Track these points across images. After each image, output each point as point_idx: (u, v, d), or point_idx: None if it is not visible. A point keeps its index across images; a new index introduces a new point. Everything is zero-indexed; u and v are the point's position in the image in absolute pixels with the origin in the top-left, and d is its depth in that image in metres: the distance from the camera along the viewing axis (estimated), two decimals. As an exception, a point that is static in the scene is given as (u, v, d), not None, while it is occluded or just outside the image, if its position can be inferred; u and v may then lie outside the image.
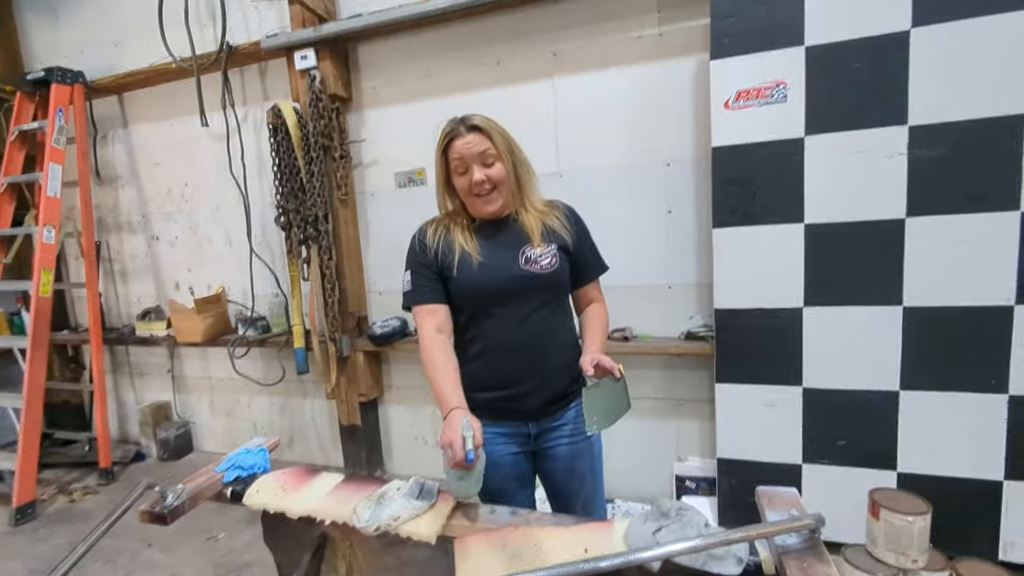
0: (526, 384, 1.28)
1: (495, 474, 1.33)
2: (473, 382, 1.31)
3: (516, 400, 1.30)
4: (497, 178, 1.24)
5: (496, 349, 1.29)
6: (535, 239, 1.26)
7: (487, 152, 1.22)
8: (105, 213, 3.33)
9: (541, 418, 1.32)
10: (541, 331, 1.27)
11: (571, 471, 1.36)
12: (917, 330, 1.75)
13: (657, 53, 2.10)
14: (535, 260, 1.25)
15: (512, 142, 1.27)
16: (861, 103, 1.71)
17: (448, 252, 1.29)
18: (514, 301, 1.26)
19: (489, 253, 1.27)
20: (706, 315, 2.16)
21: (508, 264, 1.25)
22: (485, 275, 1.25)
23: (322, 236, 2.47)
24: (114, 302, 3.43)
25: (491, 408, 1.31)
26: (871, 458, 1.85)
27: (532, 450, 1.37)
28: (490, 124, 1.24)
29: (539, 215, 1.30)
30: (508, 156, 1.24)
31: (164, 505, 1.24)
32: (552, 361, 1.30)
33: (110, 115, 3.20)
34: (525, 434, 1.34)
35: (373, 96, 2.57)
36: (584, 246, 1.34)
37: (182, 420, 3.35)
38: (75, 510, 2.70)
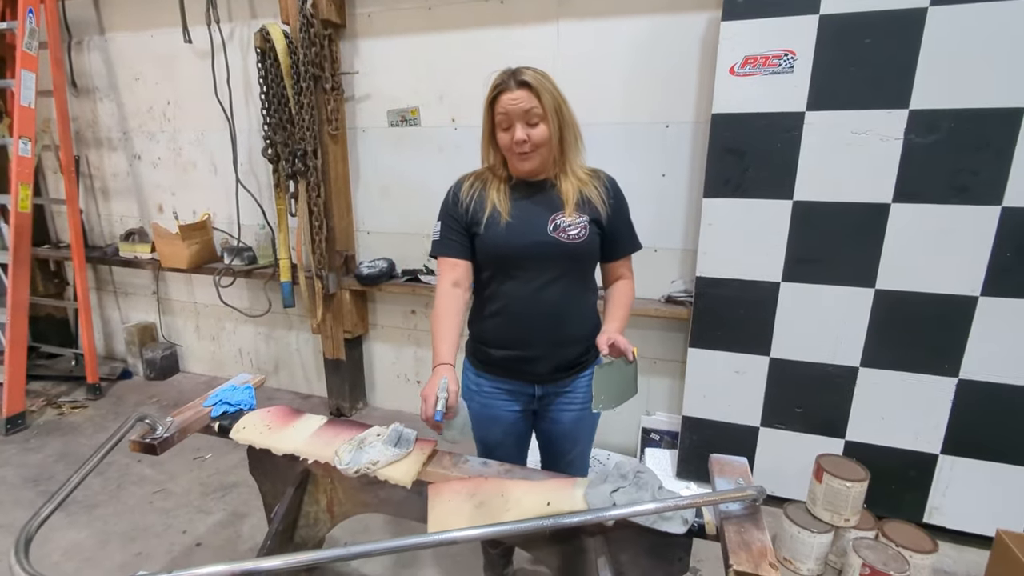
0: (537, 348, 1.30)
1: (494, 427, 1.41)
2: (488, 338, 1.36)
3: (526, 362, 1.32)
4: (539, 139, 1.20)
5: (513, 310, 1.30)
6: (568, 207, 1.24)
7: (533, 111, 1.18)
8: (83, 127, 3.19)
9: (548, 383, 1.35)
10: (559, 299, 1.27)
11: (566, 435, 1.41)
12: (885, 312, 1.82)
13: (668, 5, 2.01)
14: (564, 228, 1.23)
15: (562, 103, 1.22)
16: (866, 81, 1.68)
17: (480, 208, 1.28)
18: (536, 266, 1.25)
19: (519, 215, 1.26)
20: (688, 280, 2.21)
21: (537, 228, 1.24)
22: (511, 236, 1.25)
23: (311, 172, 2.42)
24: (96, 220, 3.37)
25: (501, 365, 1.36)
26: (823, 426, 1.98)
27: (534, 409, 1.41)
28: (541, 82, 1.18)
29: (579, 183, 1.27)
30: (555, 117, 1.20)
31: (154, 436, 1.30)
32: (566, 330, 1.30)
33: (85, 19, 2.99)
34: (530, 394, 1.37)
35: (368, 24, 2.44)
36: (619, 221, 1.31)
37: (168, 342, 3.40)
38: (64, 423, 2.79)
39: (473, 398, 1.41)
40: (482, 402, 1.40)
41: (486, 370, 1.39)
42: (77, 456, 2.48)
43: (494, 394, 1.39)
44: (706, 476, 2.15)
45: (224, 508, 2.14)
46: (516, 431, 1.42)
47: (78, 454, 2.50)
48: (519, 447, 1.46)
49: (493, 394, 1.39)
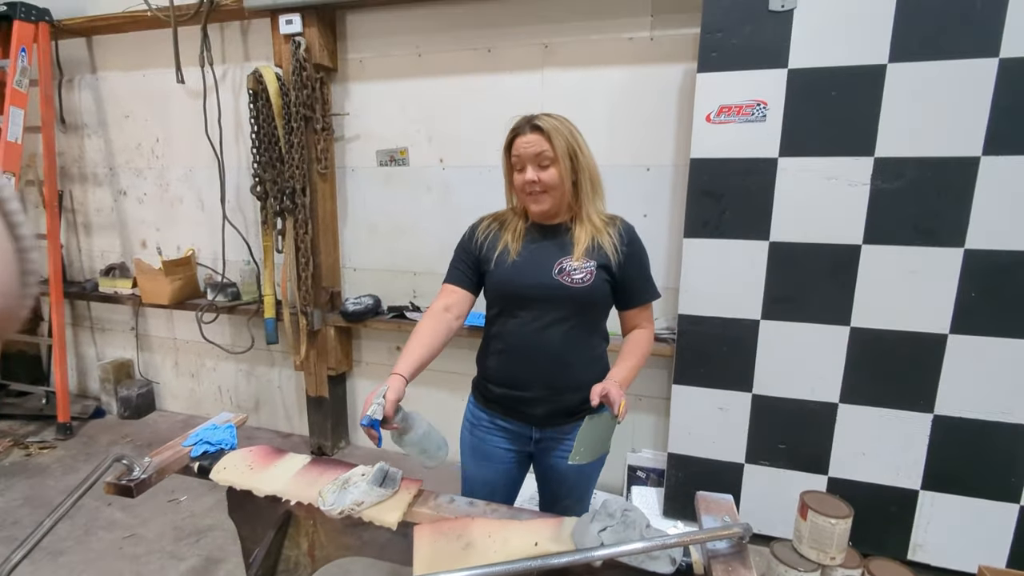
0: (535, 390, 1.30)
1: (486, 463, 1.41)
2: (490, 375, 1.37)
3: (524, 403, 1.32)
4: (548, 182, 1.23)
5: (514, 350, 1.31)
6: (577, 252, 1.25)
7: (543, 154, 1.22)
8: (69, 162, 3.20)
9: (545, 427, 1.34)
10: (561, 344, 1.27)
11: (562, 482, 1.39)
12: (860, 349, 1.88)
13: (647, 57, 2.12)
14: (568, 272, 1.24)
15: (577, 148, 1.25)
16: (834, 131, 1.79)
17: (493, 247, 1.32)
18: (539, 308, 1.26)
19: (528, 255, 1.28)
20: (670, 318, 2.25)
21: (542, 270, 1.26)
22: (516, 275, 1.27)
23: (299, 209, 2.45)
24: (76, 255, 3.33)
25: (500, 403, 1.36)
26: (806, 462, 2.00)
27: (531, 452, 1.40)
28: (555, 127, 1.22)
29: (593, 229, 1.28)
30: (567, 161, 1.23)
31: (130, 478, 1.27)
32: (566, 376, 1.29)
33: (77, 59, 3.04)
34: (527, 436, 1.36)
35: (359, 69, 2.52)
36: (633, 269, 1.31)
37: (145, 379, 3.32)
38: (31, 464, 2.68)
39: (472, 431, 1.42)
40: (479, 436, 1.40)
41: (486, 406, 1.40)
42: (43, 500, 2.38)
43: (491, 430, 1.39)
44: (693, 514, 2.13)
45: (198, 553, 2.05)
46: (508, 471, 1.41)
47: (45, 497, 2.40)
48: (508, 488, 1.45)
49: (490, 430, 1.39)
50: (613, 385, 1.19)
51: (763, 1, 1.78)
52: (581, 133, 1.28)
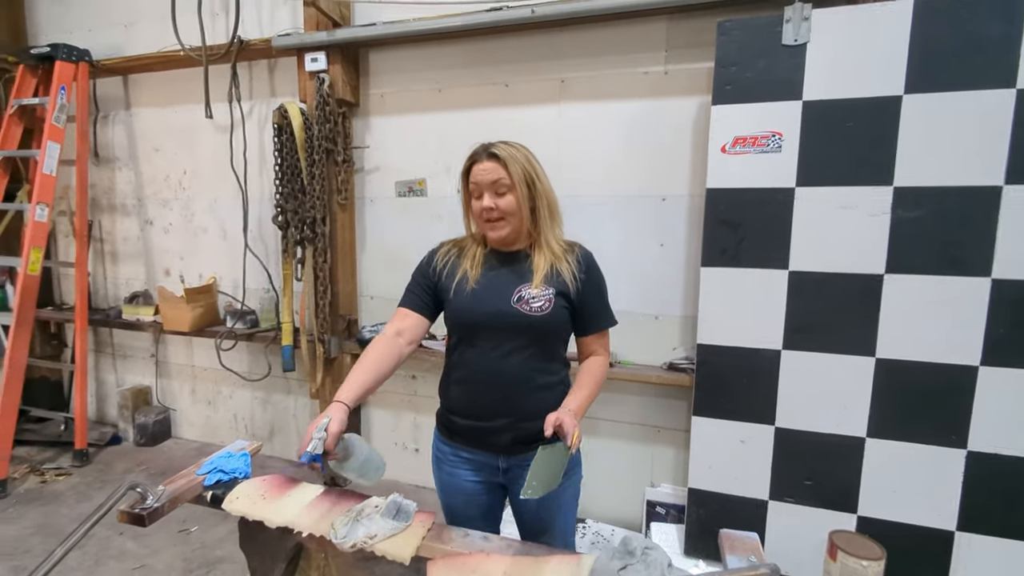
0: (497, 420, 1.29)
1: (458, 496, 1.38)
2: (451, 405, 1.36)
3: (487, 433, 1.31)
4: (505, 208, 1.24)
5: (474, 379, 1.30)
6: (536, 279, 1.25)
7: (500, 181, 1.23)
8: (100, 193, 3.31)
9: (511, 455, 1.32)
10: (521, 371, 1.27)
11: (536, 513, 1.35)
12: (887, 381, 1.82)
13: (662, 90, 2.16)
14: (527, 300, 1.24)
15: (534, 175, 1.26)
16: (851, 160, 1.78)
17: (452, 274, 1.32)
18: (497, 336, 1.26)
19: (487, 284, 1.29)
20: (689, 348, 2.22)
21: (501, 298, 1.26)
22: (474, 304, 1.27)
23: (319, 238, 2.50)
24: (101, 282, 3.41)
25: (463, 434, 1.35)
26: (834, 500, 1.92)
27: (502, 483, 1.37)
28: (511, 154, 1.24)
29: (551, 256, 1.29)
30: (524, 189, 1.24)
31: (144, 506, 1.26)
32: (528, 403, 1.28)
33: (113, 96, 3.19)
34: (494, 466, 1.34)
35: (380, 104, 2.60)
36: (591, 296, 1.31)
37: (162, 406, 3.34)
38: (46, 491, 2.69)
39: (439, 466, 1.40)
40: (448, 471, 1.38)
41: (450, 438, 1.37)
42: (56, 528, 2.38)
43: (457, 463, 1.37)
44: (716, 553, 2.05)
45: (207, 587, 2.02)
46: (481, 503, 1.38)
47: (58, 526, 2.40)
48: (487, 520, 1.40)
49: (456, 463, 1.37)
50: (567, 415, 1.18)
51: (776, 36, 1.81)
52: (539, 161, 1.30)
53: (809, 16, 1.77)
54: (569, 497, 1.39)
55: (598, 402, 2.35)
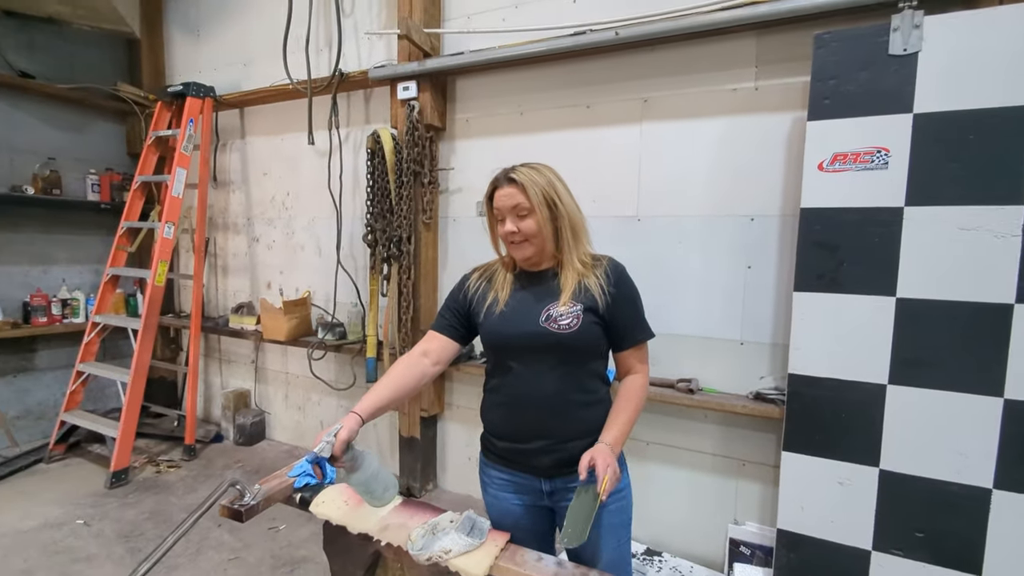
0: (536, 441, 1.28)
1: (505, 521, 1.37)
2: (492, 428, 1.37)
3: (527, 455, 1.30)
4: (527, 232, 1.25)
5: (511, 401, 1.30)
6: (564, 296, 1.25)
7: (520, 206, 1.24)
8: (216, 213, 3.69)
9: (554, 476, 1.30)
10: (556, 391, 1.25)
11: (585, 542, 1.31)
12: (1018, 425, 1.60)
13: (751, 107, 2.08)
14: (555, 319, 1.23)
15: (555, 196, 1.25)
16: (972, 177, 1.61)
17: (483, 298, 1.35)
18: (530, 357, 1.26)
19: (515, 305, 1.29)
20: (778, 377, 2.08)
21: (530, 319, 1.26)
22: (504, 326, 1.28)
23: (404, 256, 2.62)
24: (213, 293, 3.78)
25: (504, 457, 1.35)
26: (951, 557, 1.69)
27: (549, 507, 1.35)
28: (531, 177, 1.24)
29: (579, 273, 1.28)
30: (544, 211, 1.24)
31: (242, 503, 1.36)
32: (566, 424, 1.27)
33: (231, 127, 3.56)
34: (537, 489, 1.33)
35: (465, 127, 2.70)
36: (623, 309, 1.28)
37: (259, 409, 3.61)
38: (159, 481, 2.98)
39: (486, 490, 1.40)
40: (493, 493, 1.38)
41: (494, 461, 1.37)
42: (166, 515, 2.62)
43: (502, 485, 1.36)
44: (808, 605, 1.88)
45: (292, 583, 2.14)
46: (530, 527, 1.36)
47: (167, 513, 2.64)
48: (538, 544, 1.35)
49: (501, 485, 1.36)
50: (601, 454, 1.14)
51: (882, 45, 1.69)
52: (560, 180, 1.28)
53: (920, 24, 1.64)
54: (615, 524, 1.31)
55: (677, 430, 2.27)
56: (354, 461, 1.21)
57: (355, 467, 1.22)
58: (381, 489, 1.29)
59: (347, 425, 1.17)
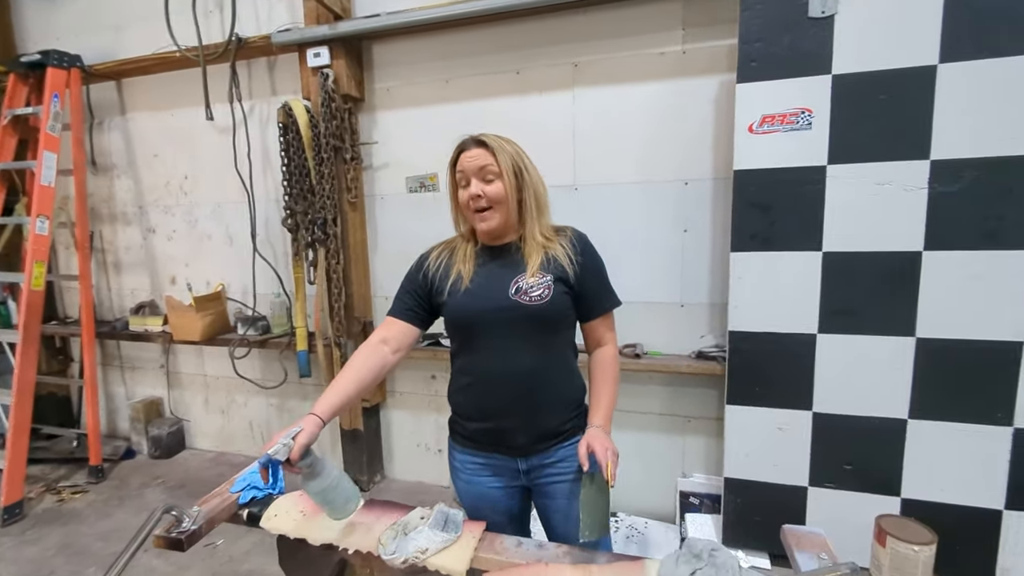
0: (512, 419, 1.24)
1: (483, 506, 1.33)
2: (462, 411, 1.32)
3: (502, 434, 1.26)
4: (494, 196, 1.20)
5: (482, 380, 1.25)
6: (532, 268, 1.21)
7: (487, 168, 1.19)
8: (99, 203, 3.23)
9: (530, 454, 1.27)
10: (530, 366, 1.22)
11: (565, 513, 1.29)
12: (928, 361, 1.77)
13: (680, 71, 2.09)
14: (526, 291, 1.19)
15: (522, 165, 1.22)
16: (885, 135, 1.72)
17: (445, 276, 1.27)
18: (501, 332, 1.21)
19: (481, 280, 1.24)
20: (718, 335, 2.17)
21: (498, 293, 1.21)
22: (472, 303, 1.22)
23: (330, 239, 2.43)
24: (106, 294, 3.34)
25: (477, 439, 1.30)
26: (876, 484, 1.88)
27: (525, 485, 1.33)
28: (499, 142, 1.21)
29: (543, 243, 1.24)
30: (512, 178, 1.20)
31: (180, 530, 1.21)
32: (541, 398, 1.24)
33: (107, 102, 3.09)
34: (514, 469, 1.30)
35: (387, 98, 2.52)
36: (590, 278, 1.26)
37: (175, 417, 3.28)
38: (64, 510, 2.64)
39: (459, 476, 1.35)
40: (466, 479, 1.34)
41: (465, 444, 1.33)
42: (79, 548, 2.32)
43: (476, 470, 1.32)
44: (755, 543, 2.02)
45: (239, 601, 1.98)
46: (508, 509, 1.34)
47: (80, 545, 2.34)
48: (516, 526, 1.36)
49: (475, 470, 1.32)
50: (597, 439, 1.14)
51: (802, 7, 1.74)
52: (527, 155, 1.25)
53: (837, -14, 1.70)
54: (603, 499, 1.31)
55: (625, 394, 2.31)
56: (312, 468, 1.09)
57: (313, 474, 1.10)
58: (342, 500, 1.17)
59: (306, 428, 1.06)
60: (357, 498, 1.22)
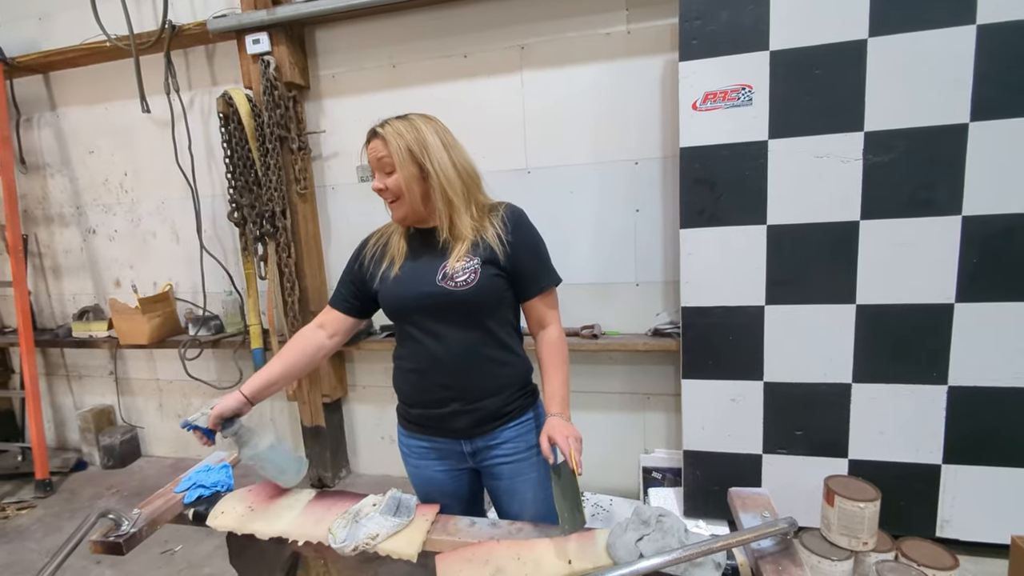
0: (452, 405, 1.23)
1: (431, 489, 1.34)
2: (405, 397, 1.32)
3: (443, 419, 1.26)
4: (393, 189, 1.16)
5: (420, 368, 1.24)
6: (456, 253, 1.17)
7: (384, 160, 1.15)
8: (32, 204, 3.06)
9: (474, 436, 1.26)
10: (462, 352, 1.19)
11: (512, 492, 1.29)
12: (868, 327, 1.84)
13: (625, 51, 2.10)
14: (451, 276, 1.16)
15: (422, 152, 1.14)
16: (821, 109, 1.77)
17: (379, 263, 1.26)
18: (432, 319, 1.19)
19: (410, 267, 1.22)
20: (672, 312, 2.21)
21: (425, 279, 1.18)
22: (400, 290, 1.21)
23: (280, 232, 2.36)
24: (45, 301, 3.17)
25: (421, 423, 1.30)
26: (825, 447, 1.95)
27: (472, 467, 1.32)
28: (397, 132, 1.14)
29: (472, 226, 1.19)
30: (409, 167, 1.14)
31: (118, 533, 1.16)
32: (478, 383, 1.22)
33: (34, 96, 2.92)
34: (459, 452, 1.29)
35: (332, 85, 2.45)
36: (524, 256, 1.21)
37: (128, 425, 3.16)
38: (9, 527, 2.51)
39: (407, 460, 1.36)
40: (414, 463, 1.34)
41: (411, 429, 1.33)
42: (25, 564, 2.22)
43: (422, 453, 1.32)
44: (715, 512, 2.08)
45: (198, 606, 1.92)
46: (456, 492, 1.34)
47: (26, 562, 2.23)
48: (467, 509, 1.35)
49: (421, 453, 1.32)
50: (556, 429, 1.13)
51: (739, -16, 1.77)
52: (439, 135, 1.16)
53: (771, -38, 1.73)
54: (541, 476, 1.30)
55: (585, 375, 2.34)
56: (238, 435, 1.23)
57: (241, 442, 1.24)
58: (275, 470, 1.27)
59: (223, 401, 1.20)
60: (298, 467, 1.30)
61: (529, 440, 1.28)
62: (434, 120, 1.21)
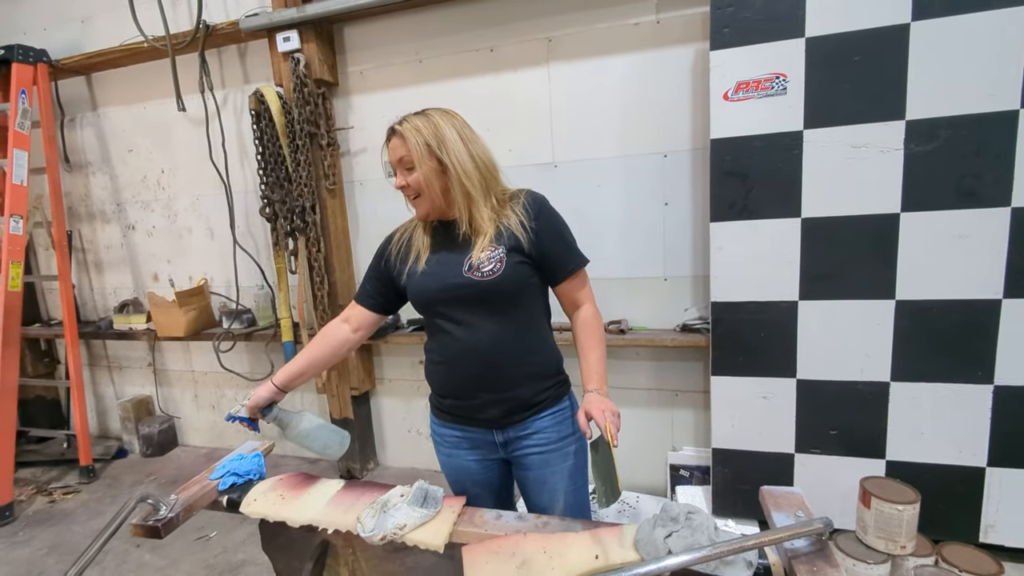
0: (481, 396, 1.24)
1: (463, 478, 1.35)
2: (436, 387, 1.33)
3: (474, 409, 1.26)
4: (414, 186, 1.17)
5: (450, 360, 1.25)
6: (482, 243, 1.17)
7: (404, 159, 1.16)
8: (76, 201, 3.18)
9: (506, 426, 1.26)
10: (492, 342, 1.20)
11: (542, 483, 1.29)
12: (908, 323, 1.77)
13: (654, 41, 2.06)
14: (477, 267, 1.16)
15: (440, 148, 1.14)
16: (860, 97, 1.70)
17: (405, 259, 1.27)
18: (460, 310, 1.20)
19: (437, 260, 1.22)
20: (701, 307, 2.17)
21: (452, 271, 1.19)
22: (427, 283, 1.22)
23: (310, 227, 2.40)
24: (88, 294, 3.30)
25: (452, 413, 1.31)
26: (861, 447, 1.89)
27: (503, 458, 1.32)
28: (415, 128, 1.14)
29: (493, 215, 1.19)
30: (428, 163, 1.14)
31: (157, 518, 1.20)
32: (508, 373, 1.22)
33: (78, 97, 3.03)
34: (490, 442, 1.29)
35: (360, 81, 2.48)
36: (549, 240, 1.21)
37: (165, 415, 3.27)
38: (55, 511, 2.63)
39: (440, 449, 1.37)
40: (446, 452, 1.35)
41: (443, 418, 1.34)
42: (70, 546, 2.32)
43: (455, 443, 1.33)
44: (744, 511, 2.04)
45: (232, 591, 1.98)
46: (487, 481, 1.34)
47: (72, 543, 2.34)
48: (498, 499, 1.36)
49: (454, 443, 1.33)
50: (593, 404, 1.10)
51: (773, -30, 1.72)
52: (457, 128, 1.16)
53: (808, -54, 1.67)
54: (570, 467, 1.29)
55: (613, 371, 2.30)
56: (278, 419, 1.33)
57: (282, 425, 1.33)
58: (319, 446, 1.37)
59: (256, 392, 1.31)
60: (340, 440, 1.41)
61: (561, 431, 1.28)
62: (452, 114, 1.21)
